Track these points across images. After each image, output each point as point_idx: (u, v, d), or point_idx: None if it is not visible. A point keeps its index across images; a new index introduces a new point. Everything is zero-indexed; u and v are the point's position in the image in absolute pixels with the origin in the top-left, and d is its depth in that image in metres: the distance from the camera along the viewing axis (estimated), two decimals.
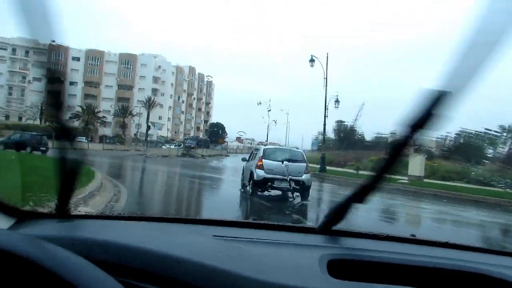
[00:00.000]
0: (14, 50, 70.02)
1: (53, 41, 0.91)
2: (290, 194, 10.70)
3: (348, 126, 62.94)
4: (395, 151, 0.97)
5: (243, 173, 12.52)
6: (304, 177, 10.44)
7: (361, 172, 21.57)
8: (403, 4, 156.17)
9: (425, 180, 19.31)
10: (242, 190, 11.89)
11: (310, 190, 10.88)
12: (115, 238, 0.85)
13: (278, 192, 10.76)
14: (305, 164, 10.84)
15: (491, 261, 1.09)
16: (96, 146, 44.13)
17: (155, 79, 78.53)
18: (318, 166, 25.20)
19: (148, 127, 60.33)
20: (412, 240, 1.27)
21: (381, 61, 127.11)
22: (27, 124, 58.23)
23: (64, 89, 0.95)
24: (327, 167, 25.36)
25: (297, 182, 10.27)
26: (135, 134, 68.02)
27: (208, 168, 25.77)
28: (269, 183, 10.32)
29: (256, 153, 11.40)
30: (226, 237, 1.07)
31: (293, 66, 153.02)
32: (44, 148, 24.34)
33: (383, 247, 1.11)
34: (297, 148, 13.75)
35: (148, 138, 61.25)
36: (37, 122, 60.79)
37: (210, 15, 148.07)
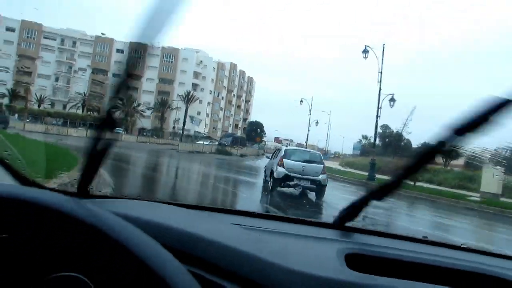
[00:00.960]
0: (62, 40, 71.78)
1: (103, 33, 0.69)
2: (307, 192, 11.37)
3: (395, 130, 58.57)
4: (426, 155, 0.96)
5: (265, 170, 13.44)
6: (321, 177, 11.18)
7: (418, 183, 18.19)
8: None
9: (501, 199, 15.79)
10: (264, 185, 12.60)
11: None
12: (149, 217, 0.84)
13: (297, 189, 11.32)
14: (322, 165, 11.64)
15: (505, 265, 1.09)
16: (131, 138, 43.63)
17: (196, 74, 77.74)
18: (365, 173, 22.12)
19: (185, 122, 59.41)
20: (426, 241, 1.27)
21: (435, 63, 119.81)
22: (68, 112, 59.23)
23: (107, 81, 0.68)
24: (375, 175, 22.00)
25: (314, 181, 11.01)
26: (173, 128, 67.48)
27: (238, 166, 24.84)
28: (288, 180, 11.04)
29: (278, 153, 12.16)
30: (244, 225, 1.08)
31: (338, 68, 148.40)
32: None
33: (398, 245, 1.13)
34: (318, 150, 13.16)
35: (185, 133, 60.22)
36: (79, 111, 61.79)
37: (254, 15, 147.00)
